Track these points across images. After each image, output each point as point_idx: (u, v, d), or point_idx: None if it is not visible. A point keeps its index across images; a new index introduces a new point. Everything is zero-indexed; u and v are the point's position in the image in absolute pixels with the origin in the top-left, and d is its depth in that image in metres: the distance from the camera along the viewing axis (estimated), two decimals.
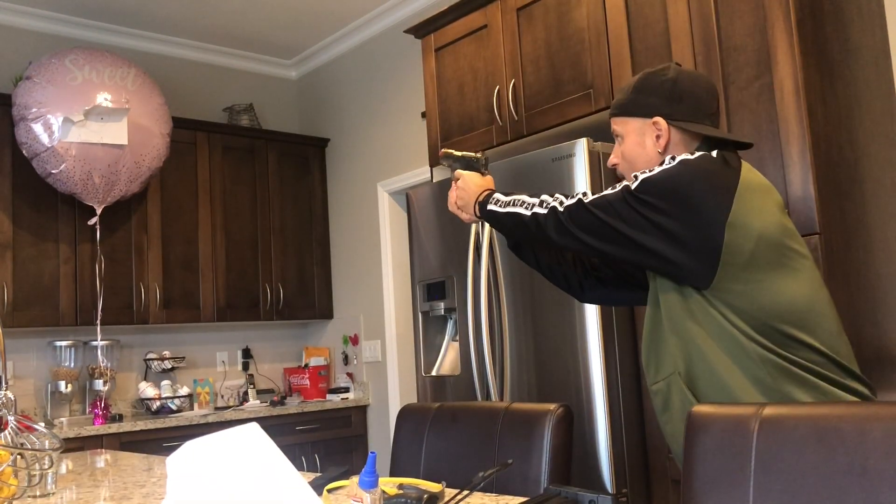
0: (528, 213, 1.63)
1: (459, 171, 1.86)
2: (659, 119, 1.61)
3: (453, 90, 3.43)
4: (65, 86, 3.92)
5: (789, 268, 1.47)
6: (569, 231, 1.57)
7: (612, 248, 1.54)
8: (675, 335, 1.53)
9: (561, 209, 1.58)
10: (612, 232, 1.52)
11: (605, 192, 1.56)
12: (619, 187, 1.54)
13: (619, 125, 1.68)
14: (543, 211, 1.61)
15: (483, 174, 1.85)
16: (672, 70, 1.64)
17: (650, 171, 1.51)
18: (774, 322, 1.44)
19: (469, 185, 1.81)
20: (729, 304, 1.46)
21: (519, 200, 1.67)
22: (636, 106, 1.64)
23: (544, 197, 1.63)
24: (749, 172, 1.54)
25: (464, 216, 1.84)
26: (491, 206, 1.73)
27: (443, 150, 1.98)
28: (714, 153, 1.53)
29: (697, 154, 1.52)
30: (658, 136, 1.61)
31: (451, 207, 1.87)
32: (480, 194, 1.78)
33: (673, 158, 1.51)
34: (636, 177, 1.52)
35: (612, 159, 1.71)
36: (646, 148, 1.63)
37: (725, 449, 1.17)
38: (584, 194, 1.58)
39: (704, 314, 1.48)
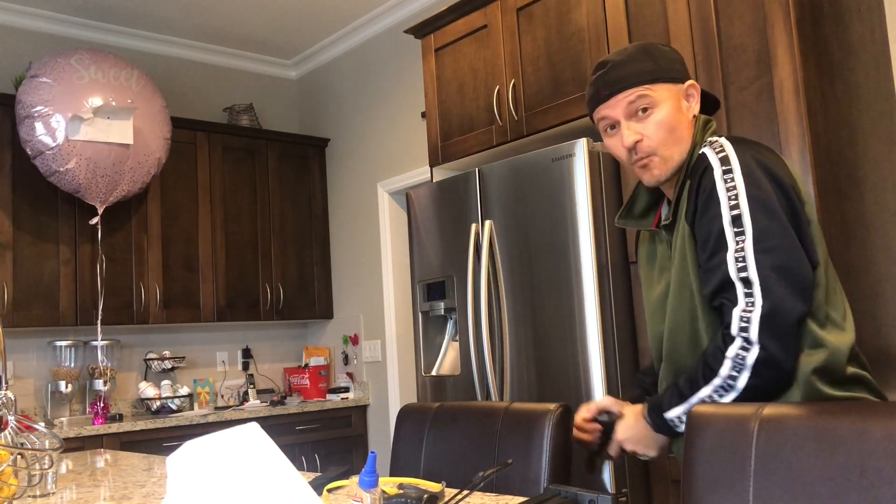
0: (730, 393, 1.36)
1: (618, 428, 1.56)
2: (694, 82, 1.57)
3: (453, 90, 3.42)
4: (71, 84, 3.93)
5: (812, 234, 1.44)
6: (785, 347, 1.33)
7: (804, 286, 1.37)
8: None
9: (756, 348, 1.32)
10: (789, 264, 1.35)
11: (752, 268, 1.34)
12: (733, 243, 1.36)
13: (652, 92, 1.50)
14: (745, 375, 1.34)
15: (619, 419, 1.58)
16: (658, 43, 1.63)
17: (731, 204, 1.38)
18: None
19: (636, 431, 1.52)
20: None
21: (695, 399, 1.39)
22: (669, 71, 1.54)
23: (718, 369, 1.36)
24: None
25: (652, 453, 1.54)
26: (672, 416, 1.44)
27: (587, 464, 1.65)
28: (723, 138, 1.49)
29: (727, 146, 1.45)
30: (690, 99, 1.56)
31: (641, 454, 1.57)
32: (647, 417, 1.50)
33: (726, 170, 1.40)
34: (741, 224, 1.36)
35: (632, 136, 1.51)
36: (683, 113, 1.54)
37: (725, 449, 1.17)
38: (749, 309, 1.33)
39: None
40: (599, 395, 2.53)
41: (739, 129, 2.39)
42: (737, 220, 1.37)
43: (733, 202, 1.38)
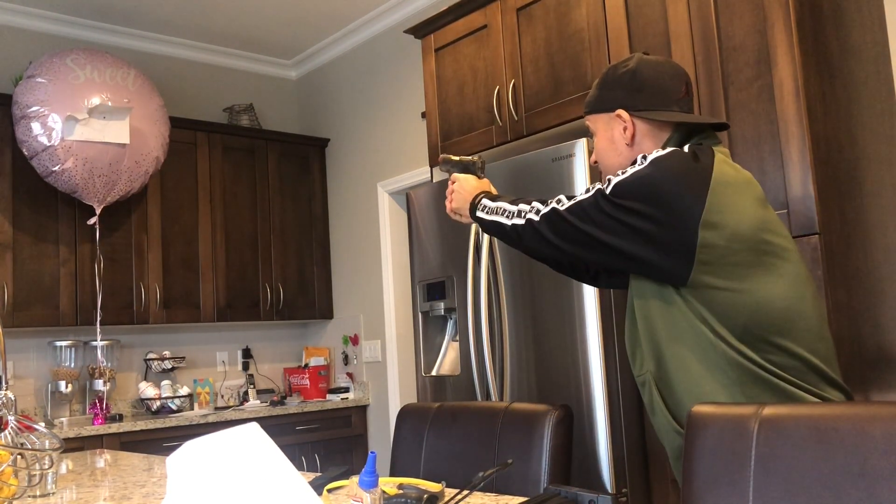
0: (509, 223, 1.64)
1: (456, 175, 1.87)
2: (621, 111, 1.61)
3: (453, 90, 3.42)
4: (67, 84, 3.93)
5: (769, 265, 1.45)
6: (545, 239, 1.57)
7: (587, 253, 1.54)
8: (648, 337, 1.53)
9: (536, 219, 1.58)
10: (587, 237, 1.51)
11: (580, 197, 1.54)
12: (592, 191, 1.52)
13: (591, 123, 1.69)
14: (521, 221, 1.61)
15: (479, 177, 1.86)
16: (633, 60, 1.64)
17: (622, 173, 1.49)
18: (752, 325, 1.42)
19: (464, 189, 1.82)
20: (707, 305, 1.44)
21: (501, 209, 1.68)
22: (600, 101, 1.66)
23: (522, 206, 1.63)
24: (724, 166, 1.50)
25: (462, 219, 1.85)
26: (478, 213, 1.75)
27: (441, 155, 1.98)
28: (686, 148, 1.50)
29: (668, 150, 1.49)
30: (624, 129, 1.61)
31: (448, 211, 1.87)
32: (474, 197, 1.78)
33: (644, 158, 1.49)
34: (609, 180, 1.50)
35: (592, 157, 1.72)
36: (615, 142, 1.63)
37: (725, 449, 1.17)
38: (559, 200, 1.56)
39: (680, 316, 1.46)
40: (600, 395, 2.53)
41: (739, 130, 2.39)
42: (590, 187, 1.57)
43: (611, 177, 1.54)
